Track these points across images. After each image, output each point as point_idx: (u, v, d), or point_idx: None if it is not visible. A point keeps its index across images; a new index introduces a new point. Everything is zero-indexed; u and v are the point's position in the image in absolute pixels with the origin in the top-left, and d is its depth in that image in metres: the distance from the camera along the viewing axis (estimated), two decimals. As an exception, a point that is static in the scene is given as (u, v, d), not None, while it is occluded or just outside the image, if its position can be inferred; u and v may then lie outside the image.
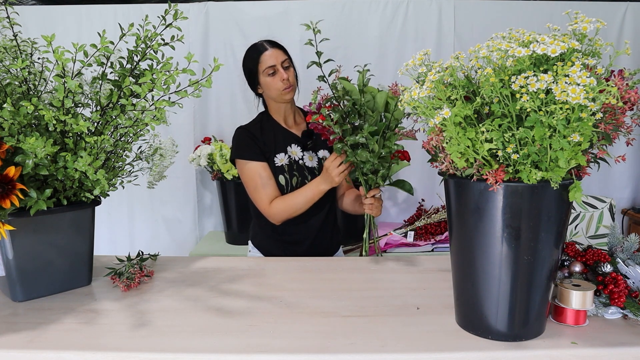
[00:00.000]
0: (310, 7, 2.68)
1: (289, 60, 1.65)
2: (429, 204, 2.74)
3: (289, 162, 1.66)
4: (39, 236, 1.12)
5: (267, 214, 1.64)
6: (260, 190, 1.62)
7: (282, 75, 1.60)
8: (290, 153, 1.68)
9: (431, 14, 2.68)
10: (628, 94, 0.82)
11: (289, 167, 1.66)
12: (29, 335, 0.94)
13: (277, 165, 1.65)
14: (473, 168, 0.86)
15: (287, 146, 1.69)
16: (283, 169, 1.65)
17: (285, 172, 1.65)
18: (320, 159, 1.72)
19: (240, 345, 0.90)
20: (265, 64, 1.60)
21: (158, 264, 1.41)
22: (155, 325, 0.99)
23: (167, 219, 2.86)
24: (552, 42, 0.77)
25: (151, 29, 1.12)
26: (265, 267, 1.39)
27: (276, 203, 1.62)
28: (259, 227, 1.75)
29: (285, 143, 1.68)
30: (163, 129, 1.45)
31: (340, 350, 0.88)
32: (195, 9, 2.67)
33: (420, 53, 0.93)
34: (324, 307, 1.08)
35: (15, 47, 1.13)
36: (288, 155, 1.67)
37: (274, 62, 1.60)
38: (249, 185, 1.65)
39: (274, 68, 1.60)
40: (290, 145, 1.69)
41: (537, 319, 0.91)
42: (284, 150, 1.67)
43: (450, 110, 0.82)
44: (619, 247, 1.11)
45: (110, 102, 1.13)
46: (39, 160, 1.02)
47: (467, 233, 0.90)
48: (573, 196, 0.81)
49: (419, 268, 1.37)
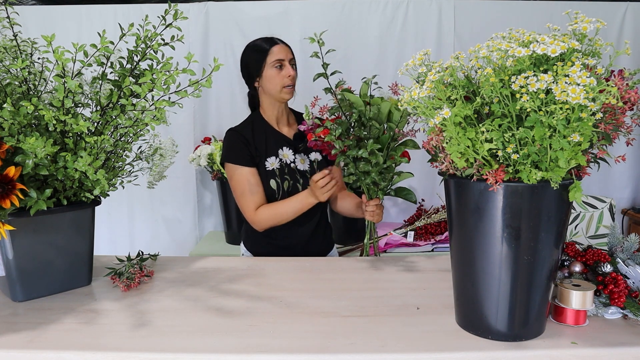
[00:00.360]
0: (310, 7, 2.67)
1: (294, 60, 1.65)
2: (429, 204, 2.74)
3: (280, 166, 1.64)
4: (39, 236, 1.12)
5: (252, 221, 1.62)
6: (248, 196, 1.60)
7: (288, 71, 1.60)
8: (281, 156, 1.66)
9: (431, 14, 2.68)
10: (628, 94, 0.82)
11: (280, 171, 1.64)
12: (29, 335, 0.94)
13: (268, 170, 1.63)
14: (473, 168, 0.86)
15: (279, 149, 1.66)
16: (274, 173, 1.63)
17: (276, 176, 1.63)
18: (312, 161, 1.71)
19: (240, 345, 0.90)
20: (275, 56, 1.59)
21: (158, 264, 1.41)
22: (155, 325, 0.99)
23: (167, 219, 2.86)
24: (552, 42, 0.77)
25: (151, 29, 1.12)
26: (265, 267, 1.39)
27: (262, 211, 1.60)
28: (251, 231, 1.72)
29: (276, 146, 1.66)
30: (163, 129, 1.45)
31: (340, 350, 0.88)
32: (195, 9, 2.67)
33: (420, 53, 0.93)
34: (324, 307, 1.08)
35: (15, 47, 1.13)
36: (279, 159, 1.65)
37: (283, 57, 1.60)
38: (237, 191, 1.63)
39: (282, 62, 1.60)
40: (281, 148, 1.67)
41: (537, 319, 0.91)
42: (275, 154, 1.65)
43: (450, 110, 0.82)
44: (619, 247, 1.11)
45: (110, 102, 1.13)
46: (39, 160, 1.02)
47: (467, 233, 0.90)
48: (573, 196, 0.81)
49: (419, 268, 1.37)
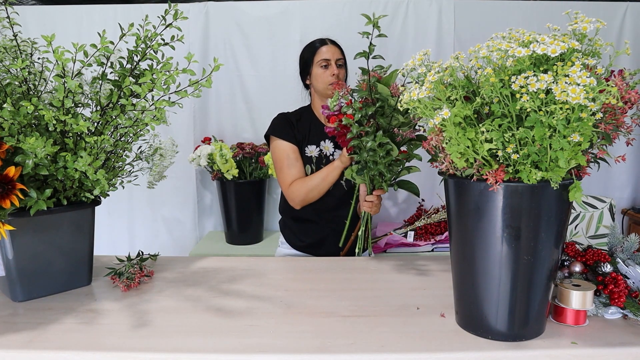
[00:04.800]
0: (310, 7, 2.67)
1: (343, 60, 1.77)
2: (429, 204, 2.74)
3: (319, 156, 1.73)
4: (39, 236, 1.12)
5: (286, 194, 1.73)
6: (285, 170, 1.71)
7: (333, 70, 1.71)
8: (322, 147, 1.75)
9: (431, 14, 2.68)
10: (628, 94, 0.82)
11: (318, 160, 1.73)
12: (29, 335, 0.94)
13: (306, 155, 1.73)
14: (473, 168, 0.86)
15: (321, 140, 1.75)
16: (311, 160, 1.73)
17: (312, 163, 1.73)
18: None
19: (240, 345, 0.90)
20: (322, 55, 1.73)
21: (158, 264, 1.41)
22: (155, 325, 0.99)
23: (167, 219, 2.86)
24: (552, 42, 0.77)
25: (151, 29, 1.12)
26: (265, 267, 1.39)
27: (295, 183, 1.69)
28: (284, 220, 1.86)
29: (319, 137, 1.75)
30: (163, 129, 1.45)
31: (340, 350, 0.88)
32: (195, 9, 2.67)
33: (420, 53, 0.93)
34: (324, 307, 1.08)
35: (15, 47, 1.13)
36: (320, 149, 1.74)
37: (330, 57, 1.73)
38: (277, 165, 1.74)
39: (327, 62, 1.72)
40: (324, 140, 1.75)
41: (537, 319, 0.91)
42: (316, 143, 1.75)
43: (450, 110, 0.82)
44: (619, 247, 1.11)
45: (110, 102, 1.13)
46: (39, 160, 1.02)
47: (467, 233, 0.90)
48: (573, 196, 0.81)
49: (419, 268, 1.37)
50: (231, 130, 2.79)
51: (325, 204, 1.72)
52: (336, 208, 1.74)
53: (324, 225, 1.76)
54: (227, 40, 2.71)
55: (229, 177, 2.48)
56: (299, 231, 1.81)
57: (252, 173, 2.60)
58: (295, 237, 1.83)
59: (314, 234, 1.78)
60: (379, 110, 1.39)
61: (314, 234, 1.78)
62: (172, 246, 2.85)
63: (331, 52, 1.73)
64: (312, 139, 1.74)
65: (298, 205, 1.72)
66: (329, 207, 1.73)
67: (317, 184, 1.65)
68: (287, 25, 2.68)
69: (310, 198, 1.68)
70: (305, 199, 1.68)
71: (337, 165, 1.60)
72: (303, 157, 1.73)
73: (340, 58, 1.75)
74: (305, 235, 1.80)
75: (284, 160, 1.71)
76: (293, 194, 1.69)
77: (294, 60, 2.05)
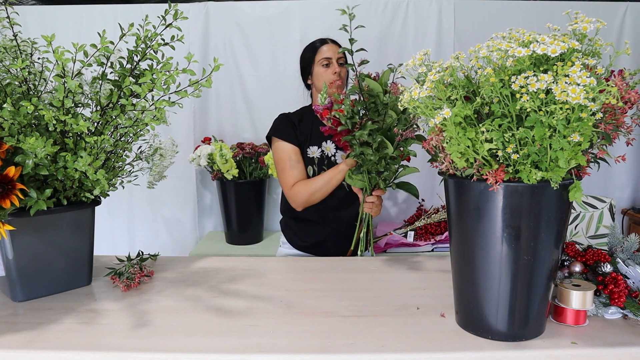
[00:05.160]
0: (310, 7, 2.67)
1: (344, 59, 1.76)
2: (429, 204, 2.74)
3: (321, 157, 1.73)
4: (39, 236, 1.12)
5: (288, 196, 1.72)
6: (287, 171, 1.70)
7: (335, 68, 1.71)
8: (324, 148, 1.74)
9: (431, 14, 2.68)
10: (628, 94, 0.82)
11: (320, 161, 1.73)
12: (29, 335, 0.94)
13: (308, 157, 1.73)
14: (473, 168, 0.86)
15: (323, 141, 1.74)
16: (313, 161, 1.73)
17: (314, 164, 1.73)
18: None
19: (240, 345, 0.90)
20: (323, 54, 1.73)
21: (158, 264, 1.41)
22: (155, 325, 0.99)
23: (167, 219, 2.86)
24: (552, 42, 0.77)
25: (151, 29, 1.12)
26: (265, 267, 1.39)
27: (298, 185, 1.69)
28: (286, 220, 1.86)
29: (321, 138, 1.74)
30: (163, 129, 1.45)
31: (340, 350, 0.88)
32: (195, 9, 2.67)
33: (420, 53, 0.93)
34: (324, 307, 1.08)
35: (15, 47, 1.13)
36: (321, 150, 1.74)
37: (331, 55, 1.73)
38: (278, 166, 1.74)
39: (329, 60, 1.72)
40: (325, 140, 1.75)
41: (537, 319, 0.91)
42: (317, 144, 1.74)
43: (450, 110, 0.82)
44: (619, 247, 1.11)
45: (110, 102, 1.13)
46: (39, 160, 1.02)
47: (467, 233, 0.90)
48: (573, 196, 0.81)
49: (419, 268, 1.37)
50: (231, 130, 2.79)
51: (327, 204, 1.72)
52: (338, 208, 1.74)
53: (326, 225, 1.76)
54: (227, 40, 2.71)
55: (229, 177, 2.48)
56: (301, 231, 1.81)
57: (252, 173, 2.60)
58: (297, 237, 1.82)
59: (316, 234, 1.78)
60: (371, 106, 1.40)
61: (316, 234, 1.78)
62: (172, 246, 2.85)
63: (332, 51, 1.73)
64: (314, 140, 1.74)
65: (300, 207, 1.72)
66: (331, 208, 1.73)
67: (320, 186, 1.65)
68: (287, 25, 2.68)
69: (313, 200, 1.68)
70: (308, 201, 1.68)
71: (342, 168, 1.60)
72: (305, 158, 1.73)
73: (342, 57, 1.75)
74: (306, 236, 1.80)
75: (286, 161, 1.71)
76: (295, 196, 1.69)
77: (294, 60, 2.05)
